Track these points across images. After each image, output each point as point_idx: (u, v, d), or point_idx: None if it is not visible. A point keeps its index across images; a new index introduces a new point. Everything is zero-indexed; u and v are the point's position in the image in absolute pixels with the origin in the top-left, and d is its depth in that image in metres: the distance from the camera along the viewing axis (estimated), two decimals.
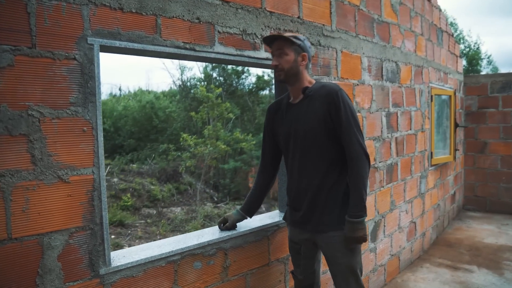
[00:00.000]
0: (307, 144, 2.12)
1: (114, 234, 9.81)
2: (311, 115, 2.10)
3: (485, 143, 6.59)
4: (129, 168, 17.52)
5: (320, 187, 2.11)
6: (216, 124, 14.34)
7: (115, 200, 12.63)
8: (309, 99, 2.13)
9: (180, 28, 2.05)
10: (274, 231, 2.53)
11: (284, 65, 2.11)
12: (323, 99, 2.07)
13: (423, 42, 4.63)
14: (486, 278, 3.96)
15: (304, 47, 2.16)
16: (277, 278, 2.57)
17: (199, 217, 12.03)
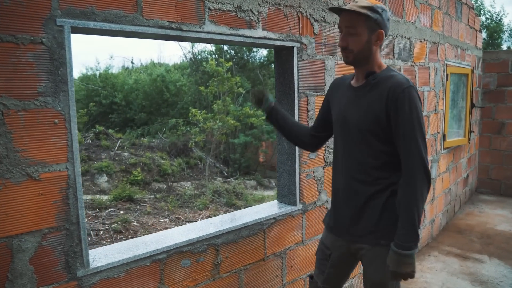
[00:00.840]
0: (354, 139, 1.83)
1: (123, 210, 9.83)
2: (366, 107, 1.78)
3: (503, 124, 6.29)
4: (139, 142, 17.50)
5: (360, 192, 1.82)
6: (226, 98, 14.12)
7: (125, 175, 12.65)
8: (371, 88, 1.79)
9: (165, 5, 1.84)
10: (270, 224, 2.38)
11: (353, 47, 1.76)
12: (385, 93, 1.72)
13: (440, 16, 4.32)
14: (497, 269, 3.79)
15: (382, 22, 1.76)
16: (273, 273, 2.44)
17: (208, 192, 12.01)
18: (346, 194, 1.88)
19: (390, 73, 1.79)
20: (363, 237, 1.82)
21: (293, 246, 2.54)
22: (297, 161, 2.48)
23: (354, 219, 1.84)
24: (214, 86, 14.03)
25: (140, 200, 11.38)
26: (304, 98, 2.51)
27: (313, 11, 2.55)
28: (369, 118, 1.76)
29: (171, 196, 11.70)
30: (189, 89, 22.16)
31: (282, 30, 2.36)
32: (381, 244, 1.78)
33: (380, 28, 1.76)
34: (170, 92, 22.77)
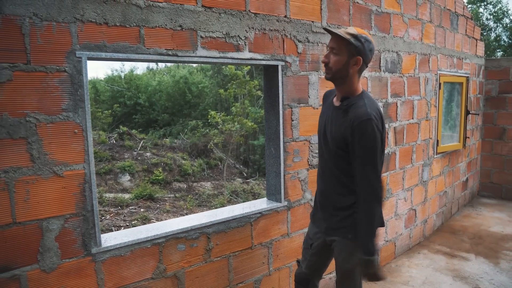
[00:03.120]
0: (330, 152, 2.16)
1: (144, 208, 10.36)
2: (338, 128, 2.09)
3: (504, 129, 6.50)
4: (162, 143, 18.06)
5: (333, 198, 2.19)
6: (244, 101, 14.55)
7: (147, 174, 13.19)
8: (343, 111, 2.09)
9: (163, 36, 2.26)
10: (257, 218, 2.77)
11: (333, 65, 2.07)
12: (350, 120, 2.02)
13: (432, 29, 4.62)
14: (480, 267, 4.07)
15: (361, 51, 2.02)
16: (260, 261, 2.83)
17: (226, 192, 12.43)
18: (324, 197, 2.26)
19: (359, 101, 2.06)
20: (335, 230, 2.19)
21: (278, 238, 2.93)
22: (282, 164, 2.87)
23: (329, 217, 2.23)
24: (233, 89, 14.47)
25: (160, 199, 11.89)
26: (288, 109, 2.90)
27: (297, 33, 2.93)
28: (340, 138, 2.07)
29: (189, 196, 12.17)
30: (210, 91, 22.72)
31: (268, 51, 2.75)
32: (348, 238, 2.14)
33: (359, 55, 2.03)
34: (192, 93, 23.34)
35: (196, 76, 24.39)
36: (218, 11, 2.50)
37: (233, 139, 14.33)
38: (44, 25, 1.87)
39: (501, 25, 22.46)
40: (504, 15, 21.89)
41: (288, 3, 2.87)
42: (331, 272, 3.40)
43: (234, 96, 15.71)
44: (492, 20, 22.70)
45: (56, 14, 1.89)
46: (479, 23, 22.34)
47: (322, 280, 3.32)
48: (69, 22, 1.93)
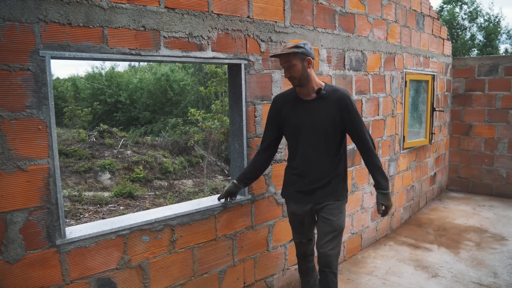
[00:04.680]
0: (317, 135, 2.61)
1: (123, 206, 10.37)
2: (323, 113, 2.59)
3: (470, 126, 6.75)
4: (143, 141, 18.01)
5: (326, 170, 2.66)
6: (225, 99, 14.62)
7: (127, 172, 13.17)
8: (323, 100, 2.60)
9: (126, 37, 2.35)
10: (221, 211, 2.88)
11: (295, 75, 2.54)
12: (335, 102, 2.58)
13: (397, 29, 4.79)
14: (441, 256, 4.26)
15: (306, 52, 2.51)
16: (225, 252, 2.94)
17: (207, 189, 12.50)
18: (319, 171, 2.67)
19: (332, 87, 2.65)
20: (330, 195, 2.68)
21: (243, 230, 3.05)
22: (245, 159, 2.99)
23: (321, 188, 2.68)
24: (213, 86, 14.52)
25: (140, 197, 11.89)
26: (251, 106, 3.02)
27: (259, 33, 3.05)
28: (328, 121, 2.58)
29: (169, 193, 12.20)
30: (192, 88, 22.70)
31: (231, 50, 2.86)
32: (339, 200, 2.70)
33: (307, 56, 2.52)
34: (174, 91, 23.31)
35: (178, 74, 24.35)
36: (181, 12, 2.59)
37: (213, 136, 14.39)
38: (7, 25, 1.94)
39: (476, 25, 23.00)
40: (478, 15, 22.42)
41: (251, 4, 2.98)
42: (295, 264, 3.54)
43: (215, 94, 15.77)
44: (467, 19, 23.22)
45: (19, 15, 1.97)
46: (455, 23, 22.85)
47: (288, 271, 3.46)
48: (32, 22, 2.01)
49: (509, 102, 6.41)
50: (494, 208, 5.98)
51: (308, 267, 2.94)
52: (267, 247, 3.25)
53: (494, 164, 6.60)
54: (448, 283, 3.70)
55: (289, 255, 3.45)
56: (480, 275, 3.85)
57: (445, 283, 3.68)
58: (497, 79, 6.47)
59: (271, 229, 3.26)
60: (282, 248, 3.39)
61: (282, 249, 3.39)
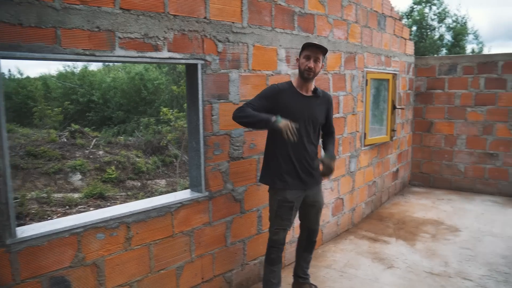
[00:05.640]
0: (311, 126, 3.07)
1: (93, 207, 10.25)
2: (318, 109, 3.11)
3: (431, 123, 6.99)
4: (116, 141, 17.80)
5: (315, 158, 3.14)
6: None
7: (99, 173, 13.00)
8: (318, 98, 3.12)
9: (80, 37, 2.38)
10: (178, 207, 2.94)
11: (316, 70, 2.98)
12: (326, 101, 3.20)
13: (358, 29, 4.93)
14: (398, 249, 4.43)
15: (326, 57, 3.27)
16: (182, 248, 3.00)
17: (179, 189, 12.45)
18: (311, 160, 3.10)
19: (320, 89, 3.19)
20: (317, 181, 3.20)
21: (200, 227, 3.11)
22: (202, 156, 3.06)
23: (311, 175, 3.12)
24: None
25: (111, 198, 11.76)
26: (208, 105, 3.08)
27: (217, 33, 3.11)
28: (322, 115, 3.16)
29: (141, 193, 12.11)
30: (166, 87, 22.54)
31: (187, 50, 2.92)
32: (320, 183, 3.27)
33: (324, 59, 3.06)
34: (148, 90, 23.08)
35: (152, 73, 24.14)
36: (137, 13, 2.63)
37: (186, 135, 14.36)
38: None
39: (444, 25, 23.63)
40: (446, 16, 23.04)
41: (208, 5, 3.04)
42: (256, 258, 3.63)
43: None
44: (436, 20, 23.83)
45: None
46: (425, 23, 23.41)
47: (247, 266, 3.55)
48: None
49: (467, 100, 6.67)
50: (452, 201, 6.23)
51: (280, 256, 3.20)
52: (225, 242, 3.33)
53: (453, 159, 6.86)
54: (402, 273, 3.85)
55: (247, 250, 3.53)
56: (433, 265, 4.02)
57: (399, 274, 3.84)
58: (456, 78, 6.72)
59: (229, 225, 3.34)
60: (241, 243, 3.47)
61: (241, 244, 3.47)
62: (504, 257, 4.25)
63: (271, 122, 2.79)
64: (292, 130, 2.77)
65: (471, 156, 6.74)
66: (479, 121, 6.63)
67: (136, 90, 23.14)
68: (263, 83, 3.54)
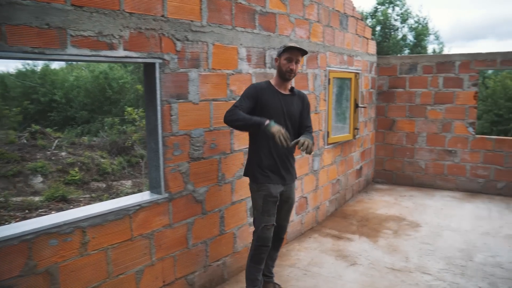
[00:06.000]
0: (290, 122, 3.19)
1: (55, 210, 9.92)
2: (295, 107, 3.24)
3: (393, 121, 7.15)
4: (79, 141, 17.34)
5: (293, 152, 3.29)
6: None
7: (62, 175, 12.63)
8: (294, 96, 3.27)
9: (28, 34, 2.27)
10: (136, 210, 2.86)
11: (296, 71, 3.15)
12: (301, 99, 3.32)
13: (320, 28, 4.97)
14: (361, 246, 4.49)
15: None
16: (142, 252, 2.93)
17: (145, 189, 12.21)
18: (291, 156, 3.25)
19: (295, 88, 3.34)
20: (292, 178, 3.30)
21: (160, 229, 3.05)
22: (161, 157, 2.99)
23: (289, 171, 3.26)
24: None
25: (74, 200, 11.44)
26: (167, 105, 3.02)
27: (175, 32, 3.05)
28: (298, 111, 3.25)
29: (105, 195, 11.84)
30: (132, 86, 22.15)
31: (144, 49, 2.85)
32: (295, 180, 3.38)
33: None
34: (113, 89, 22.62)
35: (117, 72, 23.65)
36: (90, 10, 2.54)
37: None
38: None
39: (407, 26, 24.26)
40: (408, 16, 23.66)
41: (166, 3, 2.97)
42: (219, 259, 3.60)
43: None
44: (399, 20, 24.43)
45: None
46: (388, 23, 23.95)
47: (210, 268, 3.51)
48: None
49: (427, 99, 6.85)
50: (414, 197, 6.39)
51: (267, 252, 3.24)
52: (187, 244, 3.27)
53: (414, 156, 7.04)
54: (364, 270, 3.91)
55: (210, 251, 3.49)
56: (394, 260, 4.11)
57: (362, 270, 3.89)
58: (416, 77, 6.89)
59: (190, 227, 3.29)
60: (203, 245, 3.43)
61: (203, 246, 3.43)
62: (461, 250, 4.38)
63: (263, 126, 2.87)
64: (284, 136, 2.83)
65: (431, 153, 6.94)
66: (438, 119, 6.82)
67: (101, 89, 22.62)
68: (223, 82, 3.51)
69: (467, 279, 3.76)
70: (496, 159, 6.51)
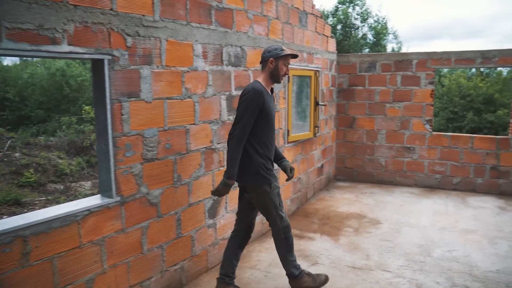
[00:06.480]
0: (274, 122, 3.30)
1: (7, 215, 9.44)
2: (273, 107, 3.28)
3: (354, 119, 7.21)
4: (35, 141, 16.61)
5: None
6: None
7: (15, 177, 12.06)
8: (272, 96, 3.29)
9: None
10: (85, 215, 2.69)
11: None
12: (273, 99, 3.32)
13: (279, 25, 4.91)
14: (322, 245, 4.47)
15: None
16: (92, 259, 2.75)
17: None
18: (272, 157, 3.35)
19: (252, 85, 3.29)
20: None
21: (112, 234, 2.88)
22: (112, 159, 2.83)
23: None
24: None
25: (29, 203, 10.94)
26: (117, 104, 2.86)
27: (125, 26, 2.89)
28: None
29: (62, 197, 11.40)
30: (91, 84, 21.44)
31: (91, 44, 2.67)
32: None
33: None
34: (71, 87, 21.89)
35: (75, 69, 22.87)
36: (28, 1, 2.35)
37: None
38: None
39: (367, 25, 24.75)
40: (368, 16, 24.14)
41: None
42: (176, 264, 3.46)
43: None
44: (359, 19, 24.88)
45: None
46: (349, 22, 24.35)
47: (167, 273, 3.37)
48: None
49: (386, 97, 6.95)
50: (374, 194, 6.47)
51: None
52: (141, 249, 3.12)
53: (374, 153, 7.13)
54: (325, 269, 3.88)
55: (167, 256, 3.36)
56: (355, 259, 4.10)
57: (323, 270, 3.86)
58: (375, 75, 6.97)
59: (145, 231, 3.14)
60: (159, 249, 3.28)
61: (159, 250, 3.29)
62: (419, 246, 4.44)
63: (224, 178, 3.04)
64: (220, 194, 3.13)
65: (390, 150, 7.05)
66: (397, 116, 6.94)
67: (58, 87, 21.82)
68: (178, 80, 3.37)
69: (425, 274, 3.80)
70: (452, 155, 6.69)
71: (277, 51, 3.17)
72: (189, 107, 3.51)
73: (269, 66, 3.17)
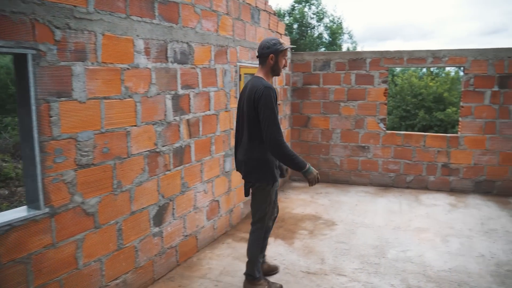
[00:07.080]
0: None
1: None
2: None
3: (309, 118, 7.13)
4: None
5: None
6: None
7: None
8: None
9: None
10: (6, 231, 2.37)
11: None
12: None
13: (229, 21, 4.71)
14: (276, 249, 4.32)
15: None
16: (14, 281, 2.43)
17: None
18: None
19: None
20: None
21: (40, 250, 2.58)
22: (39, 166, 2.53)
23: None
24: None
25: None
26: (45, 104, 2.55)
27: (52, 18, 2.59)
28: None
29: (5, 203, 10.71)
30: None
31: (11, 37, 2.36)
32: None
33: None
34: None
35: None
36: None
37: None
38: None
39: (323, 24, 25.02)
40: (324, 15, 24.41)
41: None
42: (117, 277, 3.19)
43: None
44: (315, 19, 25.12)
45: None
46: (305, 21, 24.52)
47: None
48: None
49: (340, 95, 6.91)
50: (330, 194, 6.41)
51: None
52: (76, 265, 2.83)
53: (329, 153, 7.08)
54: (279, 276, 3.73)
55: (106, 269, 3.07)
56: (309, 263, 3.98)
57: (277, 277, 3.71)
58: (330, 73, 6.92)
59: (80, 244, 2.85)
60: (97, 263, 3.00)
61: (97, 264, 3.00)
62: (374, 247, 4.38)
63: (304, 170, 3.12)
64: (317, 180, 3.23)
65: (345, 149, 7.02)
66: (352, 115, 6.92)
67: (3, 85, 20.64)
68: (117, 78, 3.10)
69: (380, 277, 3.72)
70: (405, 154, 6.74)
71: (276, 46, 3.11)
72: (130, 108, 3.24)
73: (269, 62, 3.15)
